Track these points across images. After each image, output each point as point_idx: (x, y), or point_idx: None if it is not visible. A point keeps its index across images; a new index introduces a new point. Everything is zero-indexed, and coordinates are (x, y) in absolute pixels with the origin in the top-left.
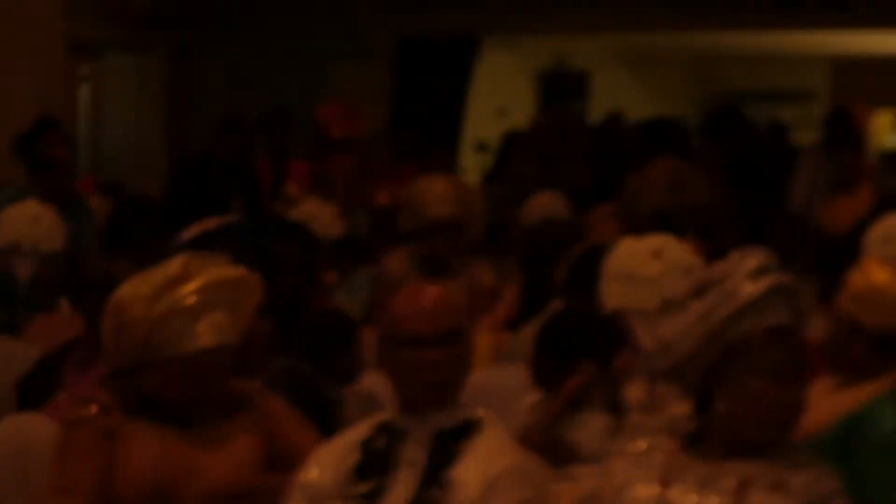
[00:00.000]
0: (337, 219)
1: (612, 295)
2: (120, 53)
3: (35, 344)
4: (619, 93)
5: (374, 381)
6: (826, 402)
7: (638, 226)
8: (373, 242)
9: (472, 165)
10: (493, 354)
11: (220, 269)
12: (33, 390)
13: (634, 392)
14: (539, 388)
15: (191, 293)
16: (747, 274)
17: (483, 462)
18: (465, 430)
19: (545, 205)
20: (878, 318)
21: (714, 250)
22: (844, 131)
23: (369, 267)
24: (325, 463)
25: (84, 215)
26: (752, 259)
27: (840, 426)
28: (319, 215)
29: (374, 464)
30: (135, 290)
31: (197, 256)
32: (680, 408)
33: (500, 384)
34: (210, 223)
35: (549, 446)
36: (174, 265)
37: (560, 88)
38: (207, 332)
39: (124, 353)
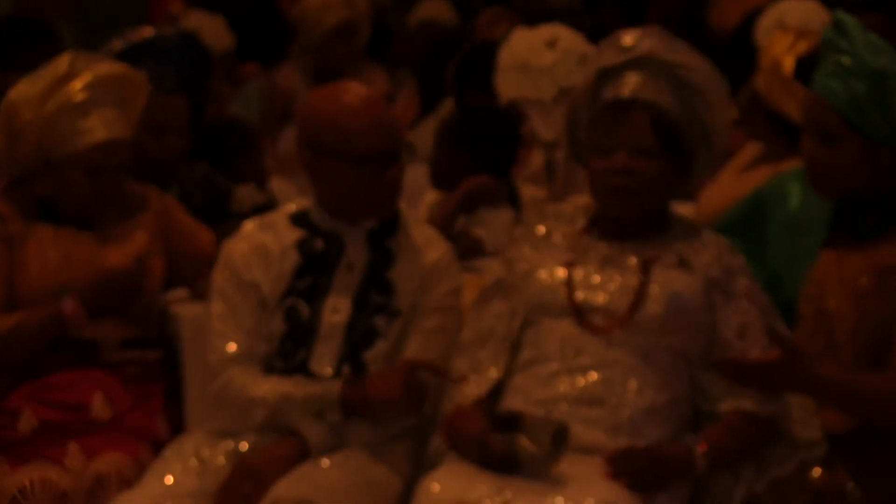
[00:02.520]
0: (225, 30)
1: (509, 86)
2: None
3: None
4: None
5: (278, 187)
6: (728, 185)
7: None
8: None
9: None
10: None
11: (107, 66)
12: None
13: (532, 189)
14: (438, 187)
15: (79, 90)
16: (616, 47)
17: (413, 260)
18: (391, 227)
19: (432, 9)
20: (772, 95)
21: None
22: None
23: (260, 79)
24: (253, 264)
25: None
26: (627, 36)
27: (745, 204)
28: (207, 28)
29: (313, 265)
30: (23, 93)
31: (82, 54)
32: (580, 199)
33: None
34: (136, 35)
35: (453, 240)
36: (60, 64)
37: None
38: (99, 127)
39: (20, 158)
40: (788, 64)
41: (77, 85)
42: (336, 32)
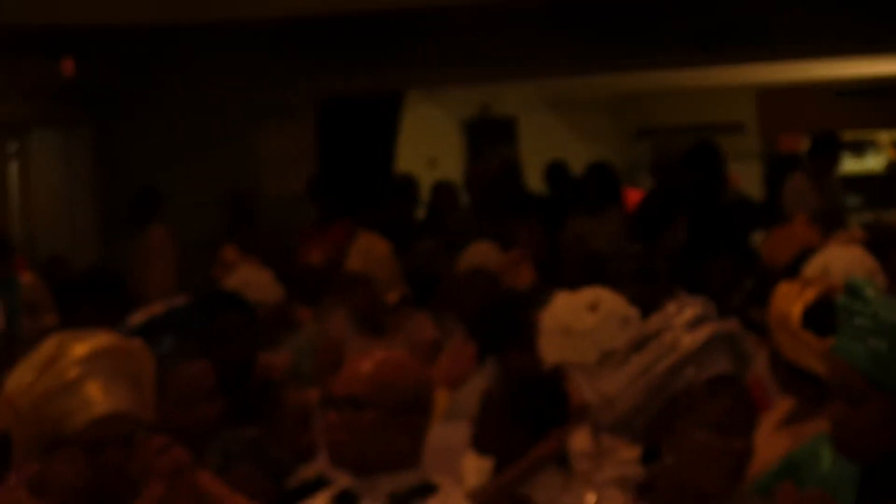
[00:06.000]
0: (274, 284)
1: (551, 350)
2: (45, 129)
3: None
4: (546, 135)
5: None
6: (768, 443)
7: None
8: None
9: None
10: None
11: (98, 340)
12: None
13: (579, 442)
14: (482, 453)
15: (70, 367)
16: (685, 325)
17: None
18: (421, 492)
19: (480, 254)
20: (786, 349)
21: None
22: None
23: (305, 329)
24: None
25: (15, 290)
26: (689, 309)
27: (778, 469)
28: (256, 281)
29: None
30: (18, 379)
31: (70, 333)
32: (628, 453)
33: (442, 443)
34: (157, 307)
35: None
36: (49, 344)
37: (488, 135)
38: (98, 402)
39: (30, 445)
40: (796, 314)
41: (66, 363)
42: (349, 280)
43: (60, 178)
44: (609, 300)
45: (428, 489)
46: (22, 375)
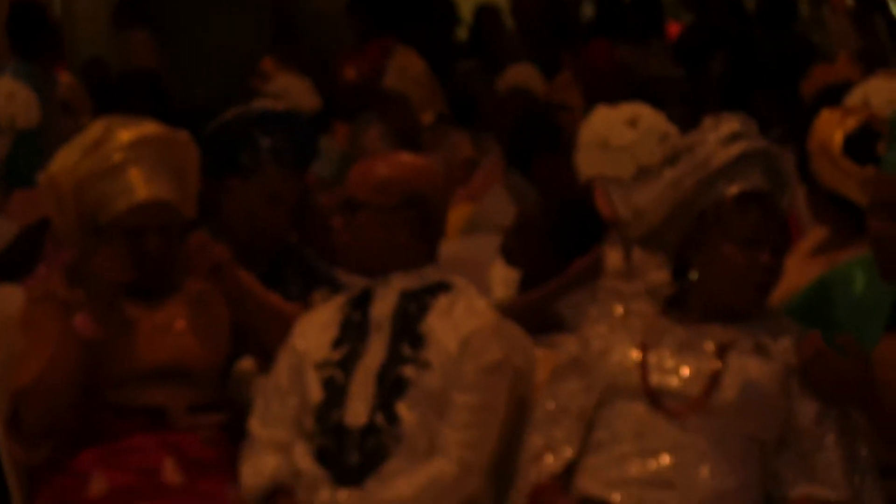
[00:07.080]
0: (311, 91)
1: (588, 163)
2: None
3: (15, 219)
4: None
5: None
6: (800, 270)
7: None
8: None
9: None
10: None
11: (145, 128)
12: (13, 264)
13: (611, 259)
14: (514, 266)
15: (115, 152)
16: (719, 140)
17: (453, 319)
18: (433, 291)
19: (520, 75)
20: (825, 176)
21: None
22: None
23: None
24: (307, 334)
25: (53, 86)
26: (725, 125)
27: (809, 290)
28: (294, 88)
29: (349, 334)
30: (60, 163)
31: (117, 118)
32: (658, 275)
33: (466, 255)
34: (253, 107)
35: (539, 318)
36: (95, 127)
37: None
38: (139, 187)
39: (69, 230)
40: (837, 141)
41: (112, 147)
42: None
43: None
44: (649, 116)
45: (442, 287)
46: (66, 157)
